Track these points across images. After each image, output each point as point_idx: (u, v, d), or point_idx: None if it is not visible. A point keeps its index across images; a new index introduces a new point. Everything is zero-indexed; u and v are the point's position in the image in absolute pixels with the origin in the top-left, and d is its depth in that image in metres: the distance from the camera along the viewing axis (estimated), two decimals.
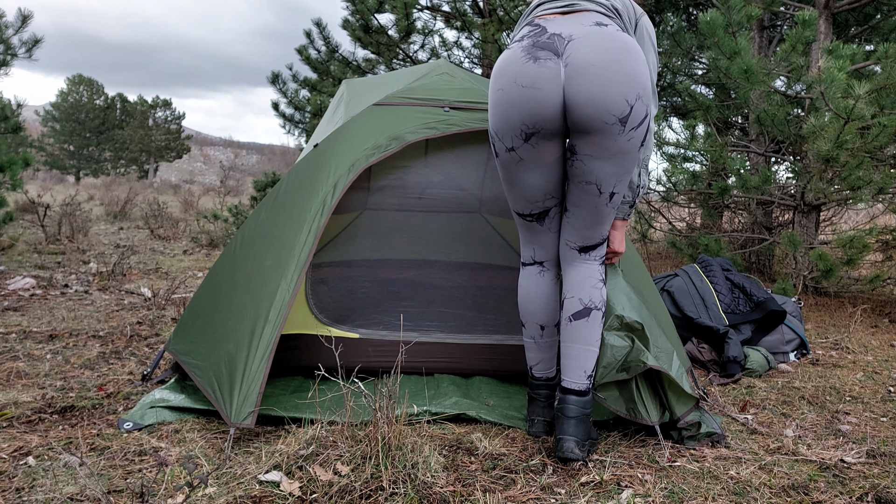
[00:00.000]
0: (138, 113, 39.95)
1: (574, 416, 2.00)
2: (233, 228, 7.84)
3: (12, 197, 8.59)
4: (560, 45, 1.89)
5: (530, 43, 1.93)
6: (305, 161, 2.55)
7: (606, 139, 1.89)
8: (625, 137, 1.89)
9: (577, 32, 1.91)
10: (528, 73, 1.88)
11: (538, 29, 1.97)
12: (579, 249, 2.11)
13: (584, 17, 1.97)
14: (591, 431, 2.07)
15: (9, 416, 2.20)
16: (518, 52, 1.93)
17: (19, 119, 6.22)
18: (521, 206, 2.13)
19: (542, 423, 2.20)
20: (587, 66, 1.84)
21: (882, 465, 2.05)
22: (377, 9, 6.57)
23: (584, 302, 2.07)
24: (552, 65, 1.87)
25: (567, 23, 1.96)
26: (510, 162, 2.02)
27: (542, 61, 1.88)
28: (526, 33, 1.99)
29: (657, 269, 6.16)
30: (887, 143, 4.45)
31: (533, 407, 2.24)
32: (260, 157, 71.92)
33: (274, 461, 1.81)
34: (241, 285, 2.35)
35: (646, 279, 2.81)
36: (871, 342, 3.90)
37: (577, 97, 1.86)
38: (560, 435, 1.99)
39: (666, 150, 6.02)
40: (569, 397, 2.03)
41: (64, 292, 4.45)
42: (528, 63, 1.89)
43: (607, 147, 1.91)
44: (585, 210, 2.04)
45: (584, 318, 2.06)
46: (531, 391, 2.26)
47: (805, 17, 4.69)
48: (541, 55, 1.89)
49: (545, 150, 1.98)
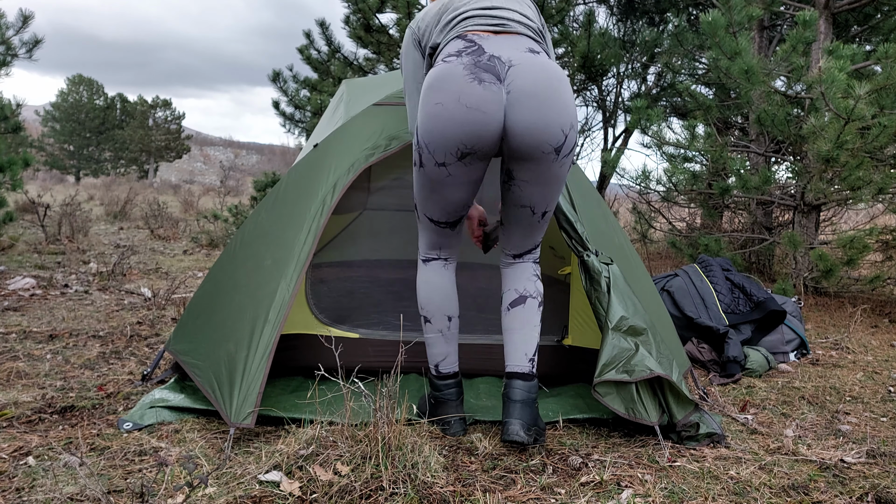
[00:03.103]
0: (138, 113, 39.96)
1: (520, 400, 2.04)
2: (233, 228, 7.84)
3: (12, 197, 8.60)
4: (501, 70, 1.91)
5: (471, 62, 1.92)
6: (305, 161, 2.55)
7: (542, 166, 1.98)
8: (558, 165, 1.99)
9: (516, 58, 1.94)
10: (474, 95, 1.88)
11: (474, 46, 1.97)
12: (514, 256, 2.24)
13: (517, 40, 2.01)
14: (539, 420, 2.09)
15: (9, 416, 2.20)
16: (460, 70, 1.91)
17: (19, 119, 6.22)
18: (438, 215, 2.17)
19: (460, 422, 2.20)
20: (529, 96, 1.89)
21: (882, 465, 2.05)
22: (378, 8, 6.57)
23: (520, 291, 2.18)
24: (496, 89, 1.89)
25: (503, 45, 1.98)
26: (438, 176, 2.04)
27: (486, 84, 1.89)
28: (462, 49, 1.97)
29: (657, 269, 6.16)
30: (887, 143, 4.45)
31: (445, 408, 2.21)
32: (260, 157, 71.93)
33: (274, 461, 1.81)
34: (240, 285, 2.35)
35: (646, 279, 2.81)
36: (871, 342, 3.90)
37: (518, 126, 1.91)
38: (506, 418, 2.03)
39: (666, 150, 6.01)
40: (514, 381, 2.08)
41: (64, 292, 4.46)
42: (474, 83, 1.89)
43: (542, 173, 2.00)
44: (520, 227, 2.16)
45: (521, 305, 2.17)
46: (438, 393, 2.23)
47: (805, 17, 4.70)
48: (485, 77, 1.89)
49: (476, 169, 2.03)
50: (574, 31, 6.82)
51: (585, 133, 8.73)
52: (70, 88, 39.42)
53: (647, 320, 2.26)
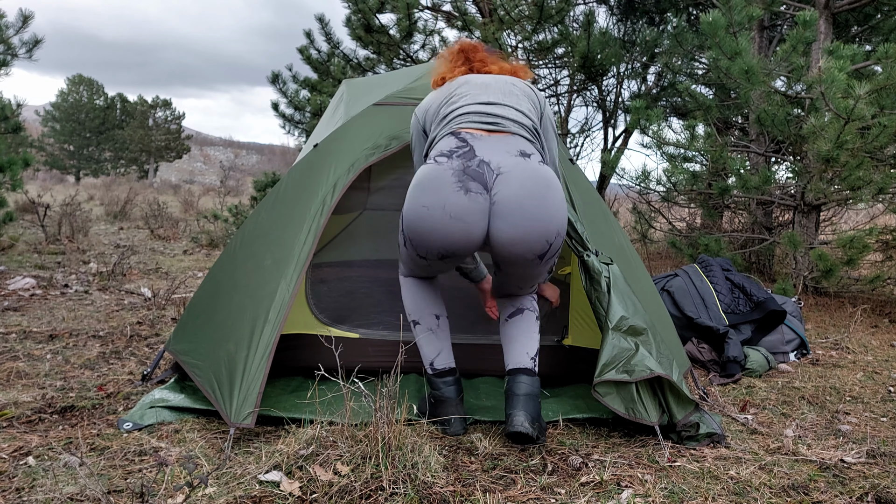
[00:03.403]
0: (138, 113, 39.94)
1: (524, 393, 2.06)
2: (233, 228, 7.84)
3: (12, 197, 8.59)
4: (489, 177, 1.94)
5: (461, 167, 1.95)
6: (305, 161, 2.55)
7: (526, 268, 2.05)
8: (542, 264, 2.06)
9: (505, 164, 1.96)
10: (459, 205, 1.92)
11: (466, 148, 1.99)
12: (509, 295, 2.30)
13: (509, 142, 2.03)
14: (541, 420, 2.10)
15: (9, 416, 2.20)
16: (448, 176, 1.94)
17: (19, 119, 6.22)
18: (420, 272, 2.25)
19: (460, 421, 2.19)
20: (514, 208, 1.92)
21: (882, 465, 2.05)
22: (378, 9, 6.56)
23: (517, 305, 2.25)
24: (482, 200, 1.92)
25: (494, 148, 1.99)
26: (419, 262, 2.12)
27: (472, 194, 1.92)
28: (454, 148, 2.00)
29: (657, 269, 6.16)
30: (887, 143, 4.45)
31: (444, 406, 2.21)
32: (260, 157, 71.89)
33: (274, 461, 1.81)
34: (240, 285, 2.35)
35: (646, 279, 2.81)
36: (871, 342, 3.90)
37: (502, 237, 1.95)
38: (510, 410, 2.04)
39: (666, 150, 6.01)
40: (518, 376, 2.11)
41: (64, 292, 4.46)
42: (459, 193, 1.92)
43: (527, 270, 2.07)
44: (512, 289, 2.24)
45: (519, 316, 2.23)
46: (437, 391, 2.23)
47: (805, 17, 4.69)
48: (472, 187, 1.92)
49: (458, 261, 2.12)
50: (574, 31, 6.82)
51: (585, 133, 8.73)
52: (70, 88, 39.41)
53: (647, 320, 2.26)
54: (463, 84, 2.19)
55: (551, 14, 6.29)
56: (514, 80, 2.24)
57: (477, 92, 2.14)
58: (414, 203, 1.99)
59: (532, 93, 2.24)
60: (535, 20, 6.31)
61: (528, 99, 2.19)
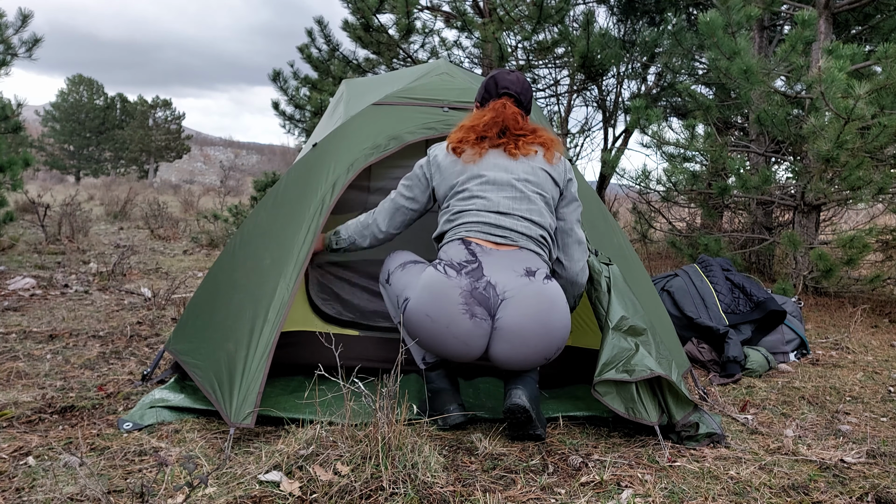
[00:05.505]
0: (138, 113, 39.92)
1: (523, 377, 2.13)
2: (233, 228, 7.84)
3: (12, 197, 8.57)
4: (494, 303, 2.03)
5: (468, 288, 2.02)
6: (305, 160, 2.55)
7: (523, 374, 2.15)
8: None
9: (511, 288, 2.03)
10: (463, 329, 2.01)
11: (475, 264, 2.06)
12: None
13: (516, 257, 2.09)
14: (541, 414, 2.14)
15: (9, 416, 2.20)
16: (456, 296, 2.01)
17: (19, 119, 6.22)
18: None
19: (458, 412, 2.20)
20: (515, 334, 2.02)
21: (882, 465, 2.05)
22: (377, 8, 6.56)
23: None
24: (485, 325, 2.03)
25: (501, 265, 2.06)
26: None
27: (477, 320, 2.01)
28: (464, 261, 2.06)
29: (657, 269, 6.16)
30: (887, 143, 4.45)
31: (441, 398, 2.23)
32: (260, 157, 71.85)
33: (274, 461, 1.81)
34: (240, 285, 2.35)
35: (645, 279, 2.81)
36: (871, 342, 3.90)
37: (500, 356, 2.07)
38: (509, 387, 2.10)
39: (666, 150, 6.01)
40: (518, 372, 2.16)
41: (64, 292, 4.45)
42: (465, 317, 2.01)
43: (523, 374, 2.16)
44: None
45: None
46: (432, 384, 2.26)
47: (805, 17, 4.69)
48: (477, 312, 2.01)
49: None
50: (574, 31, 6.81)
51: (585, 133, 8.74)
52: (70, 88, 39.39)
53: (646, 320, 2.26)
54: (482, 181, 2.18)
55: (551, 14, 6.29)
56: (539, 166, 2.22)
57: (492, 195, 2.16)
58: (420, 306, 2.07)
59: (558, 172, 2.25)
60: (534, 20, 6.31)
61: (549, 184, 2.22)
